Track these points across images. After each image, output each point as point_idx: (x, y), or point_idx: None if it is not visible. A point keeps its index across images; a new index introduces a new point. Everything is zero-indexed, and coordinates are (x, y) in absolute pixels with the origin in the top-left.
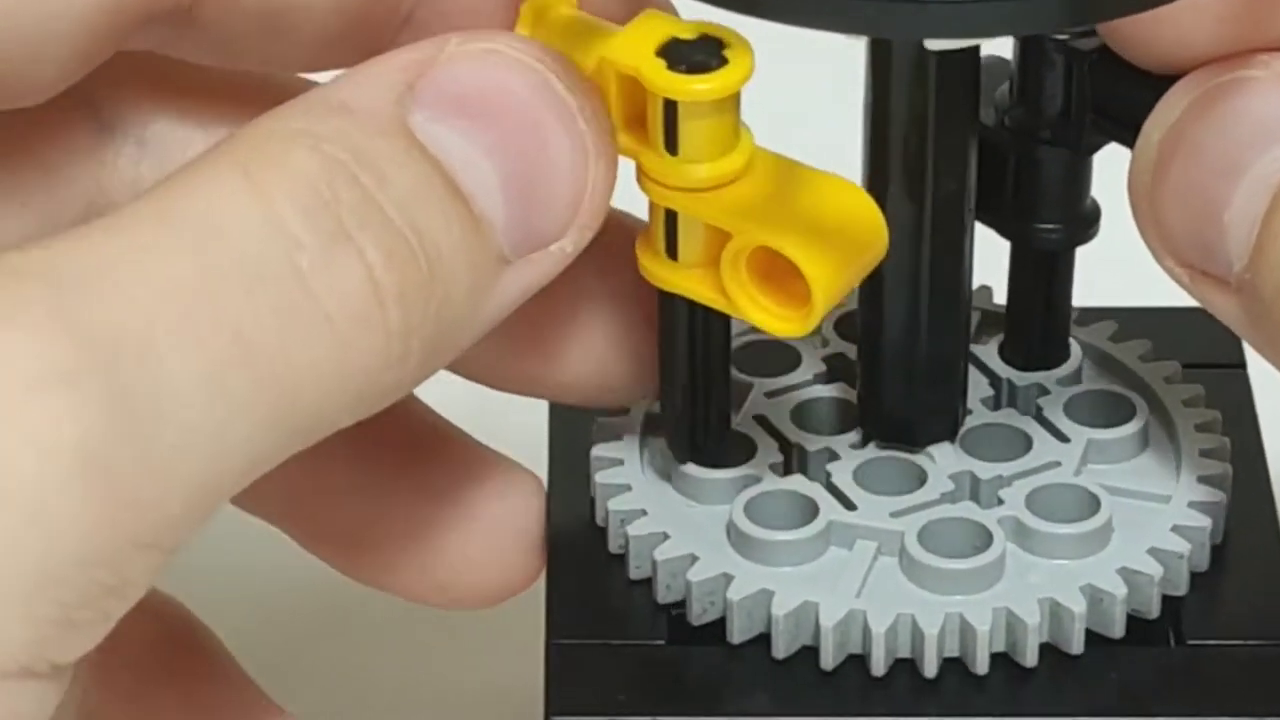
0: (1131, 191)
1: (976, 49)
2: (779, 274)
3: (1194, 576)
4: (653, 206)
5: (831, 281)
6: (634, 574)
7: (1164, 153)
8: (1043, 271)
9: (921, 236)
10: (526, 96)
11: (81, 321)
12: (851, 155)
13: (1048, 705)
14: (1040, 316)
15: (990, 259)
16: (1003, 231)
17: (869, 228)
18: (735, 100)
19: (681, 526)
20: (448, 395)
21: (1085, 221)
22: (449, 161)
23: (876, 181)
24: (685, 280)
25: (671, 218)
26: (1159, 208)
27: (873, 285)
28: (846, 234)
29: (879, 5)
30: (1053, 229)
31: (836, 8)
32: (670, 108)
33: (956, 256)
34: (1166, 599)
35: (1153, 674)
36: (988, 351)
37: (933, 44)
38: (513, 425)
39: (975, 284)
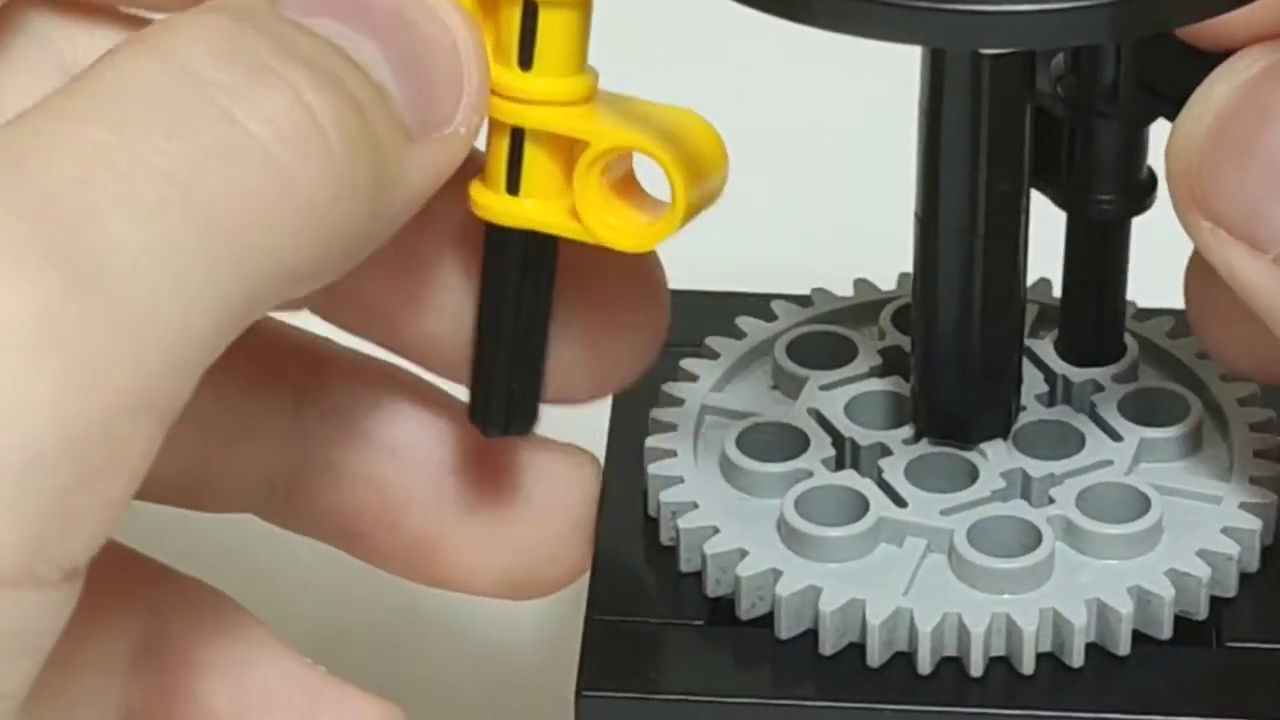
0: (1176, 141)
1: (1031, 54)
2: (628, 195)
3: (1243, 577)
4: (494, 139)
5: (689, 190)
6: (684, 567)
7: (1230, 108)
8: (1097, 245)
9: (975, 234)
10: None
11: (12, 200)
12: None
13: (1093, 705)
14: (1095, 299)
15: (1048, 252)
16: (1058, 201)
17: (714, 150)
18: (589, 13)
19: (732, 520)
20: None
21: (1140, 193)
22: (337, 37)
23: (929, 178)
24: (528, 211)
25: (517, 146)
26: (1211, 161)
27: (926, 280)
28: (696, 151)
29: (936, 14)
30: (1108, 199)
31: (895, 18)
32: (530, 14)
33: (1011, 253)
34: (1215, 600)
35: (1199, 676)
36: (1043, 347)
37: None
38: (573, 418)
39: (1033, 278)
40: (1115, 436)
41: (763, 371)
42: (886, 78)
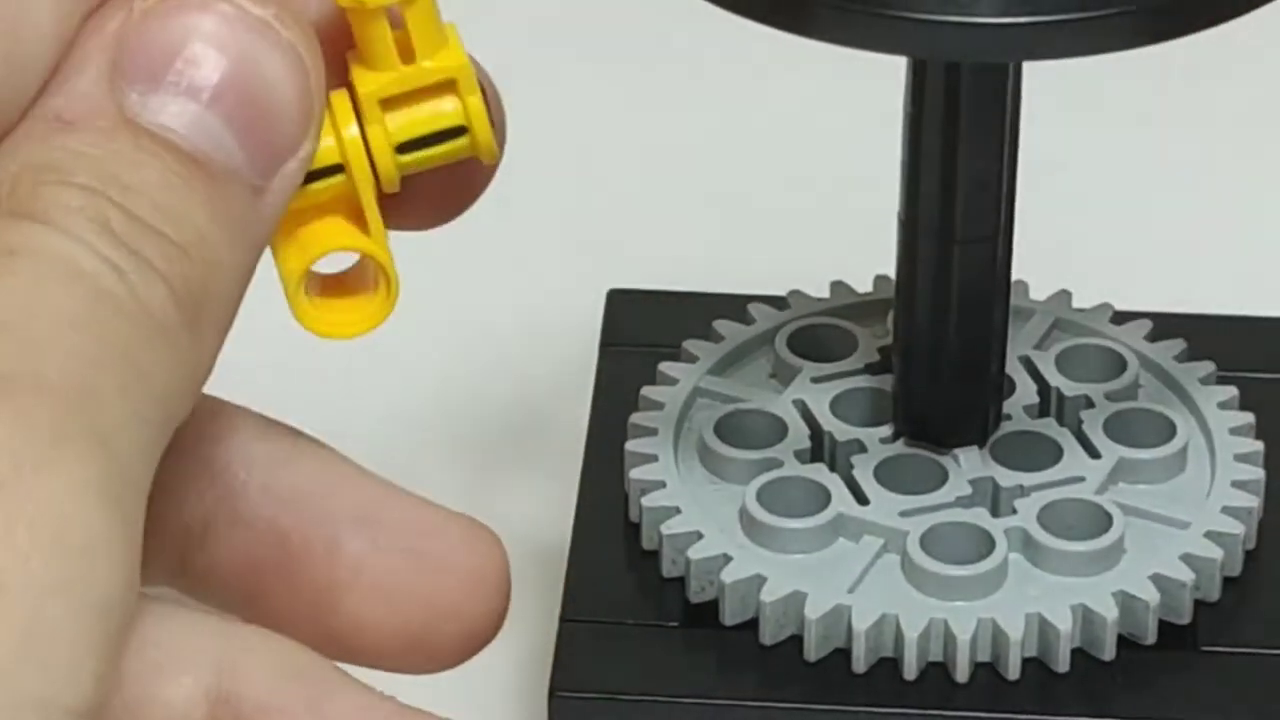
0: None
1: (1005, 65)
2: (343, 285)
3: (1202, 604)
4: None
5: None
6: (646, 545)
7: None
8: None
9: (953, 238)
10: (219, 29)
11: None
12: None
13: (1030, 714)
14: None
15: (1056, 265)
16: None
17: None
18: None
19: (697, 504)
20: (487, 393)
21: None
22: (175, 135)
23: (911, 182)
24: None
25: None
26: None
27: (906, 283)
28: None
29: (918, 26)
30: None
31: (881, 29)
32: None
33: (989, 258)
34: (1167, 627)
35: (1143, 691)
36: (1044, 358)
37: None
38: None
39: (1052, 289)
40: (1094, 454)
41: (769, 356)
42: (871, 85)
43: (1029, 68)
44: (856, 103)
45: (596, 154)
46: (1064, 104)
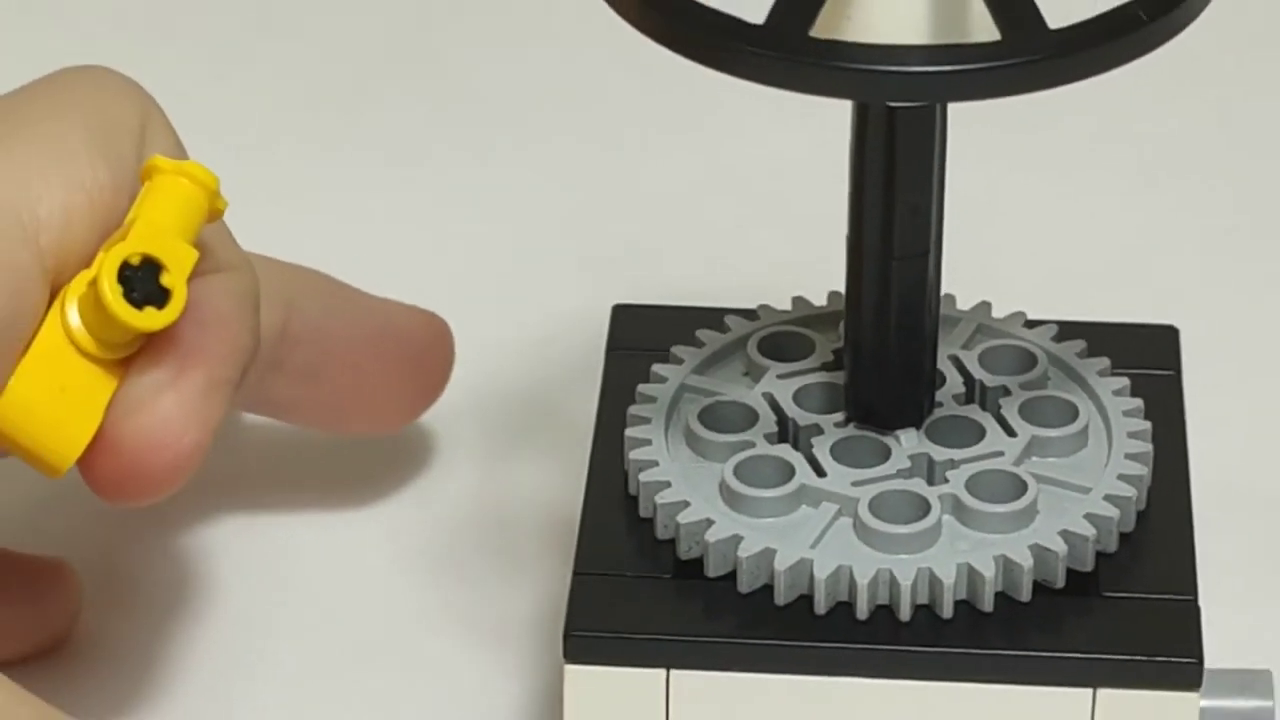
0: None
1: (933, 106)
2: None
3: (1106, 549)
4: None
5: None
6: (643, 513)
7: None
8: None
9: (889, 255)
10: None
11: None
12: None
13: (960, 648)
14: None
15: (979, 281)
16: None
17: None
18: None
19: (685, 478)
20: (514, 391)
21: None
22: None
23: (856, 209)
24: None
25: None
26: None
27: (854, 295)
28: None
29: (857, 74)
30: None
31: (826, 77)
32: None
33: (921, 274)
34: (1083, 568)
35: (1053, 627)
36: (970, 356)
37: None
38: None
39: (976, 299)
40: (1011, 433)
41: (742, 358)
42: (824, 133)
43: (954, 107)
44: (815, 147)
45: (608, 193)
46: (985, 142)
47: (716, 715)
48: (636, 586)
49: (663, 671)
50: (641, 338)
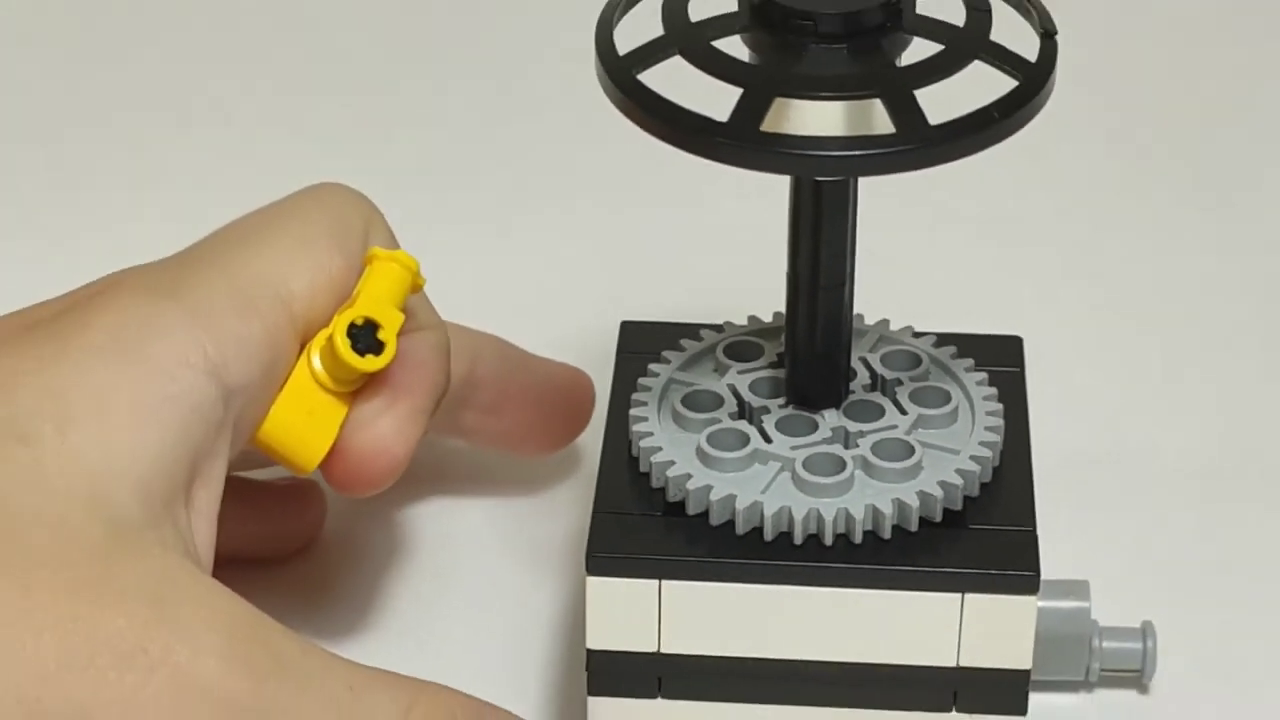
0: None
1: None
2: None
3: (970, 494)
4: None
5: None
6: (642, 469)
7: None
8: None
9: (816, 285)
10: None
11: None
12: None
13: (868, 564)
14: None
15: (881, 304)
16: None
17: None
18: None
19: (672, 445)
20: None
21: None
22: None
23: (793, 252)
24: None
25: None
26: None
27: (791, 314)
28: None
29: (791, 156)
30: None
31: (752, 151)
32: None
33: (838, 300)
34: (954, 507)
35: (932, 552)
36: (874, 358)
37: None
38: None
39: (878, 317)
40: (903, 412)
41: (712, 360)
42: (772, 196)
43: (863, 180)
44: (766, 208)
45: (619, 240)
46: (885, 204)
47: (694, 614)
48: (637, 522)
49: (656, 582)
50: (641, 345)
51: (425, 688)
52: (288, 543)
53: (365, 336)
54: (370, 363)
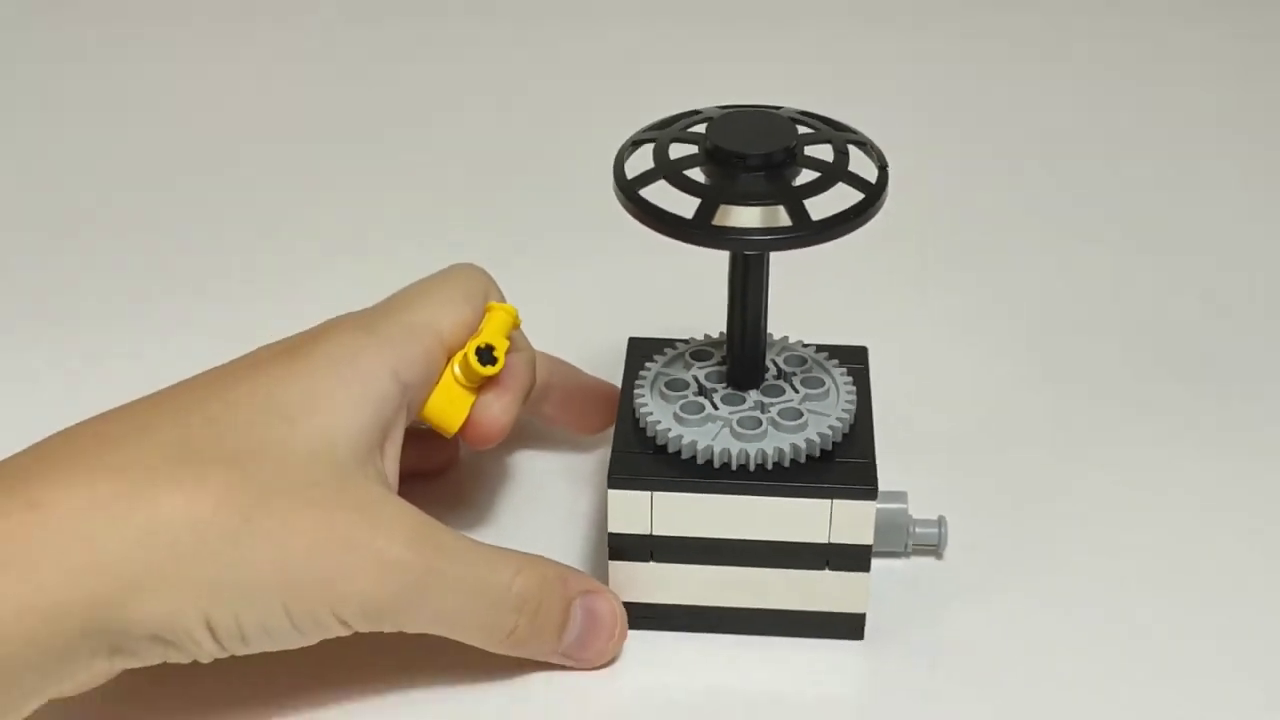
0: None
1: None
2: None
3: (835, 441)
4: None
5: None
6: (640, 425)
7: None
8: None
9: (745, 316)
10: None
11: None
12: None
13: (775, 481)
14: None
15: (784, 324)
16: None
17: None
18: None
19: (658, 411)
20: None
21: None
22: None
23: (731, 293)
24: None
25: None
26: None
27: (730, 333)
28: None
29: (726, 236)
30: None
31: (707, 236)
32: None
33: (757, 323)
34: (827, 449)
35: (811, 473)
36: (779, 359)
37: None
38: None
39: (781, 333)
40: (796, 391)
41: (683, 361)
42: (719, 263)
43: (774, 254)
44: (719, 271)
45: (626, 280)
46: (789, 264)
47: (671, 511)
48: (638, 458)
49: (649, 493)
50: (641, 352)
51: (527, 557)
52: (436, 468)
53: (486, 355)
54: (489, 371)
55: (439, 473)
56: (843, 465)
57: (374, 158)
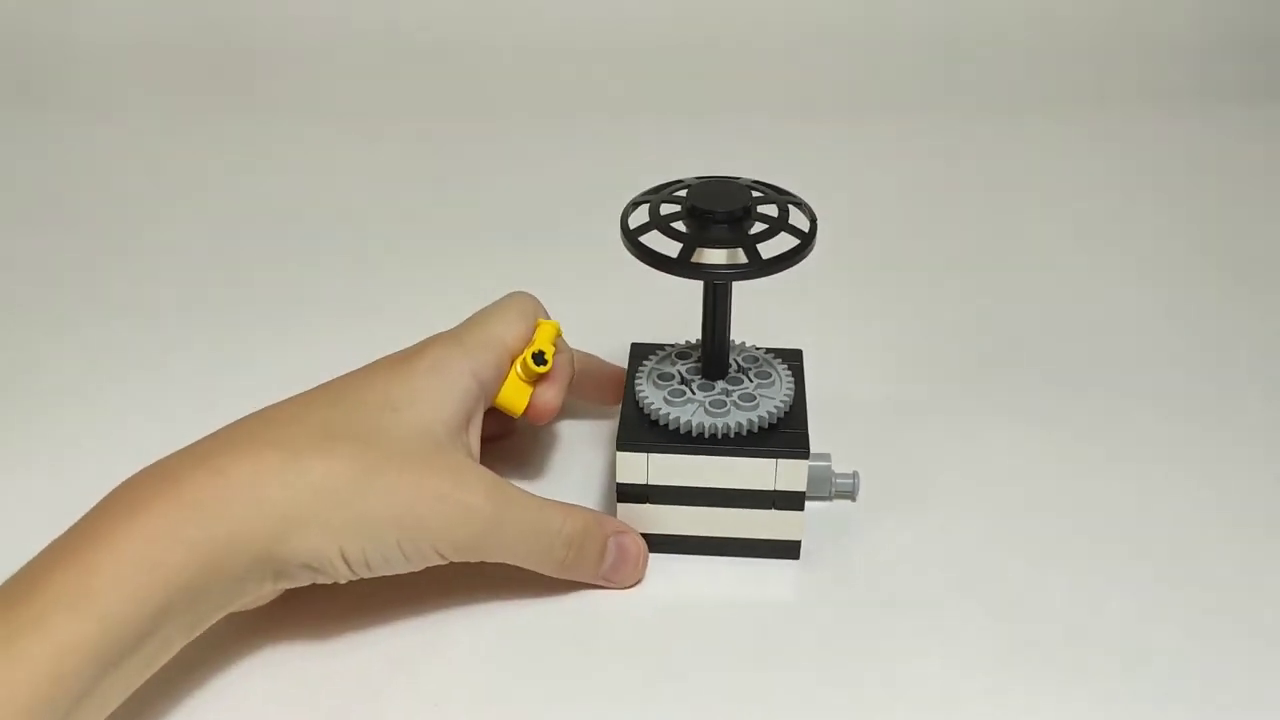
0: None
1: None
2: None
3: (779, 417)
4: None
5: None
6: (640, 404)
7: None
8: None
9: (716, 325)
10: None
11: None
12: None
13: (736, 445)
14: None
15: (745, 331)
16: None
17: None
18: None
19: (652, 395)
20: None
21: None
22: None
23: (705, 310)
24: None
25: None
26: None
27: (704, 339)
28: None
29: (700, 269)
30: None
31: (687, 270)
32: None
33: (724, 332)
34: (773, 423)
35: (766, 438)
36: (739, 358)
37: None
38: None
39: (743, 338)
40: (751, 382)
41: (670, 359)
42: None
43: (737, 284)
44: (695, 291)
45: (629, 296)
46: (745, 293)
47: (663, 467)
48: (638, 428)
49: (646, 455)
50: (640, 353)
51: (573, 507)
52: (505, 434)
53: (539, 358)
54: (542, 370)
55: (506, 438)
56: (784, 434)
57: (444, 221)
